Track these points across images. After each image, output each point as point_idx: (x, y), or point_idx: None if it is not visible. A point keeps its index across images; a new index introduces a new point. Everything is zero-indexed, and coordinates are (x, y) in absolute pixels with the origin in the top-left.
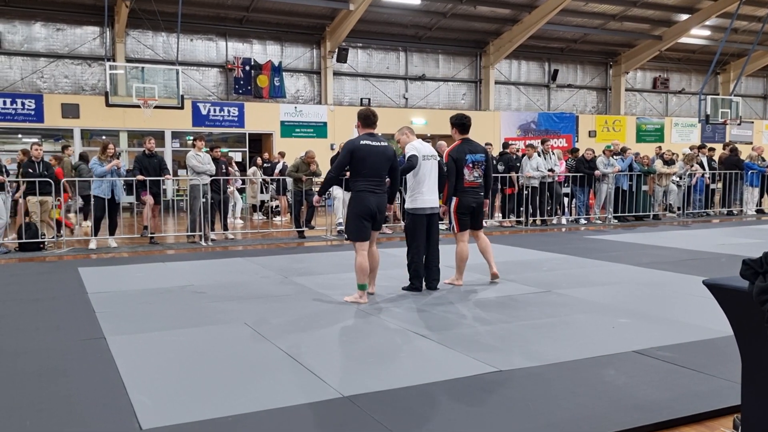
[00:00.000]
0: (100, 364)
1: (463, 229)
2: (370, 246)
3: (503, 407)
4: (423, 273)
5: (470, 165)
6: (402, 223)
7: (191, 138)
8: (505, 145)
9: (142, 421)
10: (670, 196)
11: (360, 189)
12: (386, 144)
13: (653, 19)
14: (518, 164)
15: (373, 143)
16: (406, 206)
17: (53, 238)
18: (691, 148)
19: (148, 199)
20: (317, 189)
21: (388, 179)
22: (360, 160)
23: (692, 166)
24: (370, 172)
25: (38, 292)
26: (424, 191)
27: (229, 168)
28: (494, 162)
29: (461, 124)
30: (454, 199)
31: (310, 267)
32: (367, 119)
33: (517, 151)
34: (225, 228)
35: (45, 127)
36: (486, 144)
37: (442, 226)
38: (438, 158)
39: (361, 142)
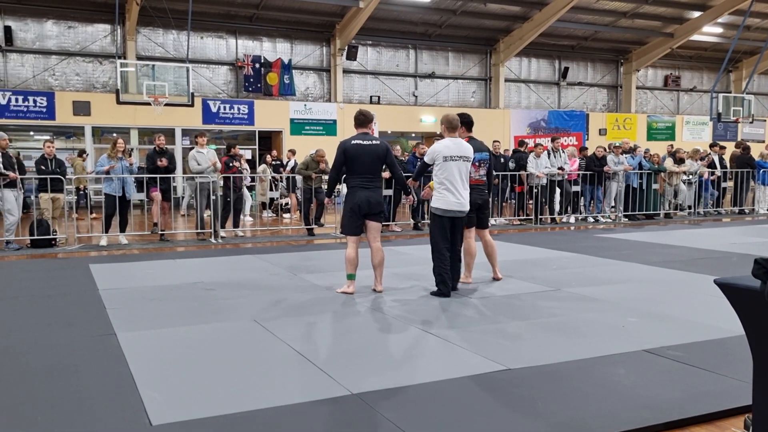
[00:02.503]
0: (110, 361)
1: (469, 227)
2: (373, 242)
3: (512, 405)
4: (449, 278)
5: (476, 163)
6: (412, 221)
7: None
8: (521, 143)
9: (152, 417)
10: (679, 196)
11: (352, 186)
12: (378, 142)
13: (665, 17)
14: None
15: (365, 142)
16: (430, 206)
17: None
18: (694, 153)
19: (156, 195)
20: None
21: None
22: (351, 159)
23: (700, 160)
24: (361, 169)
25: (49, 289)
26: (447, 192)
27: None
28: (502, 160)
29: (468, 122)
30: None
31: (320, 264)
32: (357, 119)
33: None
34: (235, 225)
35: (56, 124)
36: (494, 141)
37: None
38: (468, 159)
39: (353, 141)
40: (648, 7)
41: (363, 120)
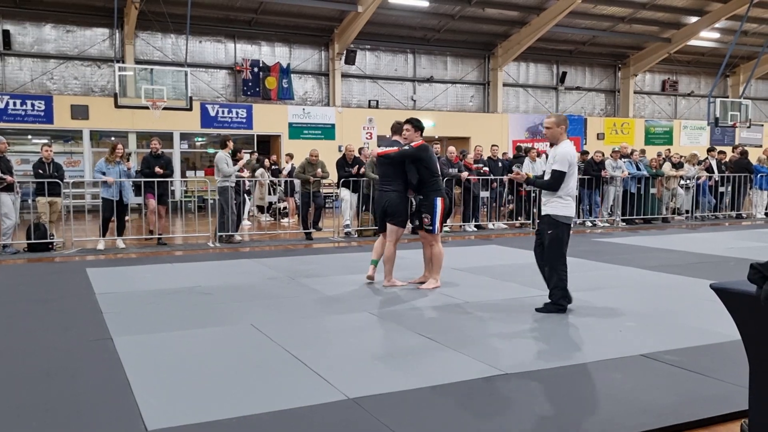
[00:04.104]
0: (106, 365)
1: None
2: (386, 239)
3: (509, 410)
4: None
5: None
6: (410, 225)
7: (199, 139)
8: (519, 148)
9: (148, 421)
10: (678, 199)
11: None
12: (394, 149)
13: (662, 22)
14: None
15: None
16: (552, 212)
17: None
18: (692, 158)
19: (151, 202)
20: (325, 191)
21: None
22: (377, 164)
23: (697, 165)
24: (379, 173)
25: (46, 293)
26: (572, 199)
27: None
28: (500, 164)
29: (423, 127)
30: (440, 199)
31: (318, 269)
32: (391, 128)
33: (537, 155)
34: (236, 229)
35: (54, 128)
36: (493, 146)
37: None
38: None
39: None
40: (645, 12)
41: (394, 129)
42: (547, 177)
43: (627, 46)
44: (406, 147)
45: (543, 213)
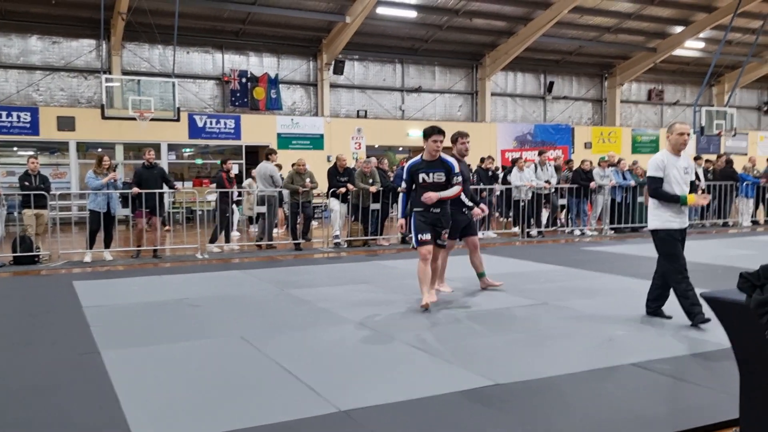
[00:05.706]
0: (94, 379)
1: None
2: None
3: (500, 421)
4: None
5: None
6: (399, 235)
7: (187, 150)
8: (493, 159)
9: None
10: None
11: None
12: None
13: (648, 32)
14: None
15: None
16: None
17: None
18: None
19: (141, 221)
20: (315, 201)
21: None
22: None
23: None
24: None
25: (32, 307)
26: None
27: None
28: (489, 173)
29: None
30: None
31: (307, 279)
32: None
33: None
34: (227, 240)
35: (40, 140)
36: (488, 157)
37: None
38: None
39: None
40: (631, 22)
41: (453, 139)
42: (687, 187)
43: (613, 55)
44: (456, 174)
45: (684, 227)
